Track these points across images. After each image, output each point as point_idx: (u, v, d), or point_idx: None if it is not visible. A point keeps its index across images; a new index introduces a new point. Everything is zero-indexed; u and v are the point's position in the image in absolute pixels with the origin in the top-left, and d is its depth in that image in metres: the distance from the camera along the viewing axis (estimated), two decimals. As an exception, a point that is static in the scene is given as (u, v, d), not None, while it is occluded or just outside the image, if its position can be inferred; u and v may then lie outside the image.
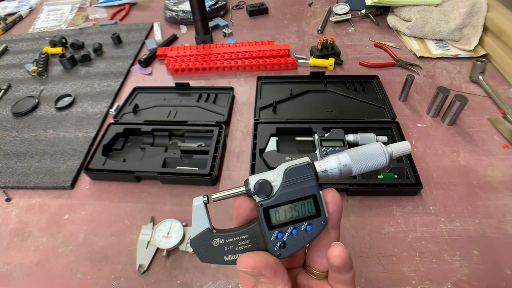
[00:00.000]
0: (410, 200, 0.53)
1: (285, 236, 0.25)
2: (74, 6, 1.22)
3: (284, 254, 0.26)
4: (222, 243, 0.26)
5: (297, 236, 0.25)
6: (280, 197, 0.25)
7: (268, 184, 0.25)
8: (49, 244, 0.52)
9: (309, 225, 0.25)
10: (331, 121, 0.64)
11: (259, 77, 0.77)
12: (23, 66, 0.93)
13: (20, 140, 0.70)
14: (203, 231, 0.27)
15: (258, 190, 0.25)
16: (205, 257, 0.27)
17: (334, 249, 0.24)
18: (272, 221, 0.26)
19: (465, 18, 0.80)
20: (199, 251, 0.27)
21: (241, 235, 0.26)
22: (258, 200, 0.26)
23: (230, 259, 0.26)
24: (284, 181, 0.25)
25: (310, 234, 0.25)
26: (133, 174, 0.58)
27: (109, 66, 0.89)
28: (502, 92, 0.70)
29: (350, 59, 0.84)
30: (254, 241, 0.26)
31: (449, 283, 0.44)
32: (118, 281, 0.47)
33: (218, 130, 0.64)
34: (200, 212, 0.27)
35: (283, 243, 0.25)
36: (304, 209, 0.25)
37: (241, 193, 0.27)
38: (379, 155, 0.26)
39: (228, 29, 0.98)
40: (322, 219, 0.25)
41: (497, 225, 0.49)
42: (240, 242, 0.26)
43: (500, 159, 0.58)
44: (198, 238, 0.27)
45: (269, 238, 0.25)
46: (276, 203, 0.25)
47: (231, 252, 0.26)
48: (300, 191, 0.25)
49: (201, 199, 0.27)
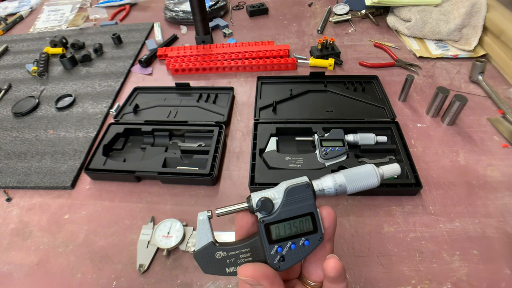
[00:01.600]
0: (409, 200, 0.53)
1: (284, 250, 0.27)
2: (75, 6, 1.22)
3: (282, 267, 0.27)
4: (225, 256, 0.28)
5: (295, 250, 0.27)
6: (281, 214, 0.27)
7: (270, 202, 0.27)
8: (50, 244, 0.52)
9: (307, 240, 0.27)
10: (331, 121, 0.64)
11: (259, 77, 0.78)
12: (23, 66, 0.93)
13: (21, 140, 0.70)
14: (206, 244, 0.28)
15: (261, 207, 0.27)
16: (208, 269, 0.28)
17: (329, 261, 0.26)
18: (272, 236, 0.27)
19: (465, 18, 0.80)
20: (202, 263, 0.28)
21: (242, 248, 0.28)
22: (260, 216, 0.27)
23: (231, 270, 0.28)
24: (285, 199, 0.27)
25: (307, 248, 0.27)
26: (133, 174, 0.58)
27: (110, 66, 0.89)
28: (502, 92, 0.70)
29: (350, 59, 0.84)
30: (254, 254, 0.28)
31: (449, 283, 0.44)
32: (119, 281, 0.47)
33: (218, 130, 0.64)
34: (204, 226, 0.29)
35: (282, 257, 0.27)
36: (302, 226, 0.27)
37: (243, 209, 0.28)
38: (372, 176, 0.29)
39: (228, 29, 0.98)
40: (318, 234, 0.27)
41: (497, 225, 0.49)
42: (242, 255, 0.28)
43: (500, 159, 0.58)
44: (202, 251, 0.28)
45: (269, 252, 0.27)
46: (276, 219, 0.27)
47: (233, 264, 0.28)
48: (299, 209, 0.27)
49: (205, 213, 0.29)
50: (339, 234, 0.49)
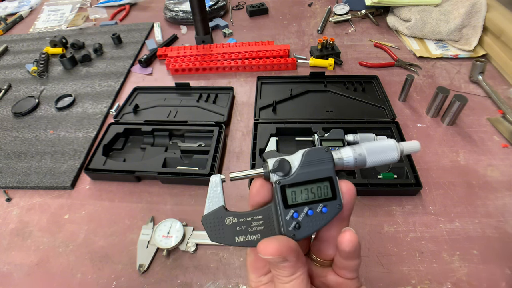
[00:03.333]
0: (409, 200, 0.53)
1: (301, 216, 0.25)
2: (75, 6, 1.22)
3: (298, 235, 0.25)
4: (235, 222, 0.26)
5: (312, 217, 0.25)
6: (298, 177, 0.25)
7: (287, 163, 0.25)
8: (50, 244, 0.52)
9: (325, 207, 0.25)
10: (331, 121, 0.64)
11: (259, 77, 0.78)
12: (23, 66, 0.93)
13: (21, 140, 0.70)
14: (217, 208, 0.26)
15: (278, 167, 0.25)
16: (216, 235, 0.26)
17: (345, 234, 0.24)
18: (288, 201, 0.25)
19: (465, 18, 0.80)
20: (210, 228, 0.26)
21: (255, 215, 0.26)
22: (276, 178, 0.26)
23: (241, 240, 0.26)
24: (303, 161, 0.26)
25: (325, 216, 0.25)
26: (133, 174, 0.58)
27: (110, 66, 0.89)
28: (502, 92, 0.70)
29: (350, 59, 0.84)
30: (267, 223, 0.26)
31: (449, 283, 0.44)
32: (119, 281, 0.47)
33: (218, 130, 0.64)
34: (216, 189, 0.27)
35: (298, 224, 0.25)
36: (320, 192, 0.25)
37: (259, 174, 0.26)
38: (392, 150, 0.27)
39: (228, 29, 0.98)
40: (337, 202, 0.25)
41: (497, 225, 0.49)
42: (254, 223, 0.26)
43: (500, 159, 0.58)
44: (211, 215, 0.26)
45: (284, 217, 0.25)
46: (293, 181, 0.25)
47: (243, 232, 0.26)
48: (318, 172, 0.26)
49: (218, 176, 0.27)
50: (339, 234, 0.49)
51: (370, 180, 0.53)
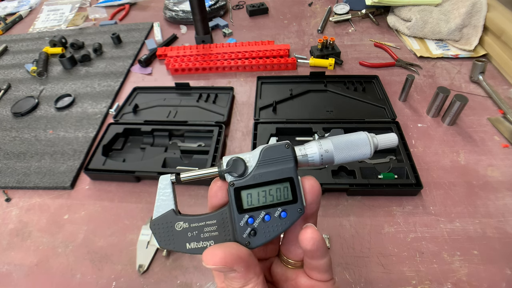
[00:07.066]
0: (410, 200, 0.53)
1: (256, 221, 0.23)
2: (74, 6, 1.22)
3: (253, 243, 0.23)
4: (186, 228, 0.24)
5: (269, 223, 0.23)
6: (254, 178, 0.23)
7: (242, 162, 0.23)
8: (49, 244, 0.52)
9: (284, 211, 0.23)
10: (331, 121, 0.64)
11: (259, 77, 0.77)
12: (23, 66, 0.93)
13: (20, 140, 0.70)
14: (166, 212, 0.24)
15: (231, 167, 0.23)
16: (165, 242, 0.24)
17: (306, 231, 0.22)
18: (243, 205, 0.23)
19: (465, 18, 0.80)
20: (159, 234, 0.24)
21: (207, 219, 0.24)
22: (230, 179, 0.23)
23: (193, 246, 0.23)
24: (260, 161, 0.23)
25: (284, 222, 0.23)
26: (133, 174, 0.58)
27: (109, 66, 0.89)
28: (502, 92, 0.70)
29: (350, 59, 0.84)
30: (221, 228, 0.23)
31: (449, 283, 0.44)
32: (118, 281, 0.47)
33: (218, 130, 0.64)
34: (166, 191, 0.25)
35: (253, 230, 0.23)
36: (280, 194, 0.23)
37: (212, 174, 0.24)
38: (364, 144, 0.24)
39: (228, 29, 0.98)
40: (298, 205, 0.23)
41: (497, 225, 0.49)
42: (206, 228, 0.24)
43: (500, 159, 0.58)
44: (160, 220, 0.24)
45: (238, 223, 0.23)
46: (249, 183, 0.23)
47: (195, 239, 0.23)
48: (277, 173, 0.23)
49: (168, 177, 0.25)
50: (339, 234, 0.49)
51: (370, 180, 0.53)
